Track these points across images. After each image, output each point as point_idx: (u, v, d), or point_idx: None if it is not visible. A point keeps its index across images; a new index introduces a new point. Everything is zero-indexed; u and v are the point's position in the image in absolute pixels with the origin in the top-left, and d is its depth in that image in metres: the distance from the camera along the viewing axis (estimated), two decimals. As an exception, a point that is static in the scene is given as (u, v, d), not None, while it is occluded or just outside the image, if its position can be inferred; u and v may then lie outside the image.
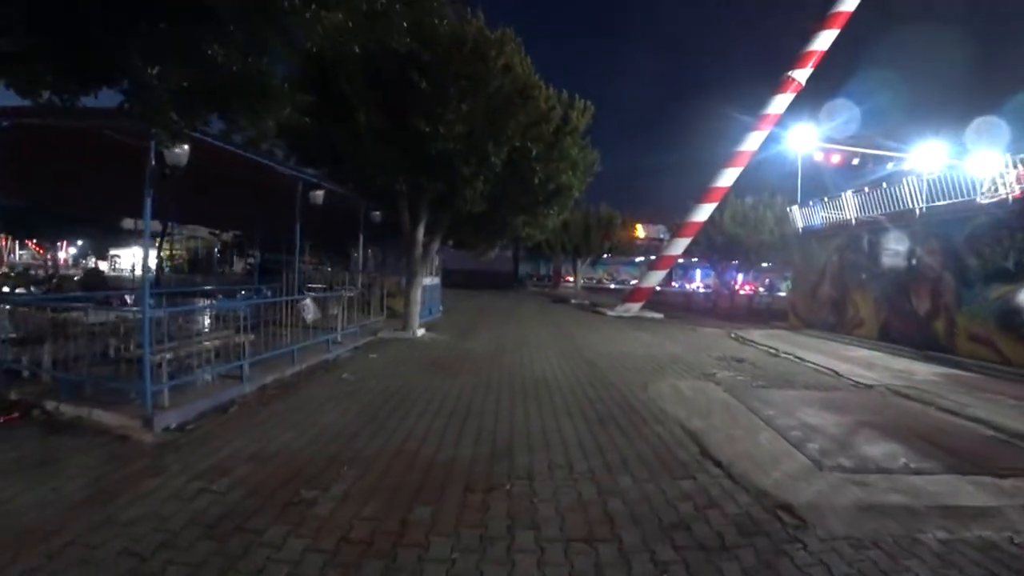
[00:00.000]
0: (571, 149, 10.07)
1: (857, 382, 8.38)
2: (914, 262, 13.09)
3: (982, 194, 11.12)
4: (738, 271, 26.68)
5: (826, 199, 16.29)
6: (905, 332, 13.06)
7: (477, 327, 13.72)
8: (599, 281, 53.10)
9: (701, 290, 37.26)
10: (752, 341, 13.05)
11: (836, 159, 19.07)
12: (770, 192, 23.46)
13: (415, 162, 8.69)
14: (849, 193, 15.19)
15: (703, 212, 19.47)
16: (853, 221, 15.15)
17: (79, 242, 37.21)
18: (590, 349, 10.68)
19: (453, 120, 8.02)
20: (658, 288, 20.74)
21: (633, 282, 58.05)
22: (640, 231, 28.79)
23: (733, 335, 14.38)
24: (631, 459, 4.48)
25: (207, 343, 6.11)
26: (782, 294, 43.73)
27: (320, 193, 8.13)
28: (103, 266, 38.00)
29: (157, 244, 21.34)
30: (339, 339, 9.39)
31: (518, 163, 9.50)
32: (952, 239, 11.92)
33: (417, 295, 11.16)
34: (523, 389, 6.88)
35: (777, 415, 6.01)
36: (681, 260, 50.85)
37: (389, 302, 13.43)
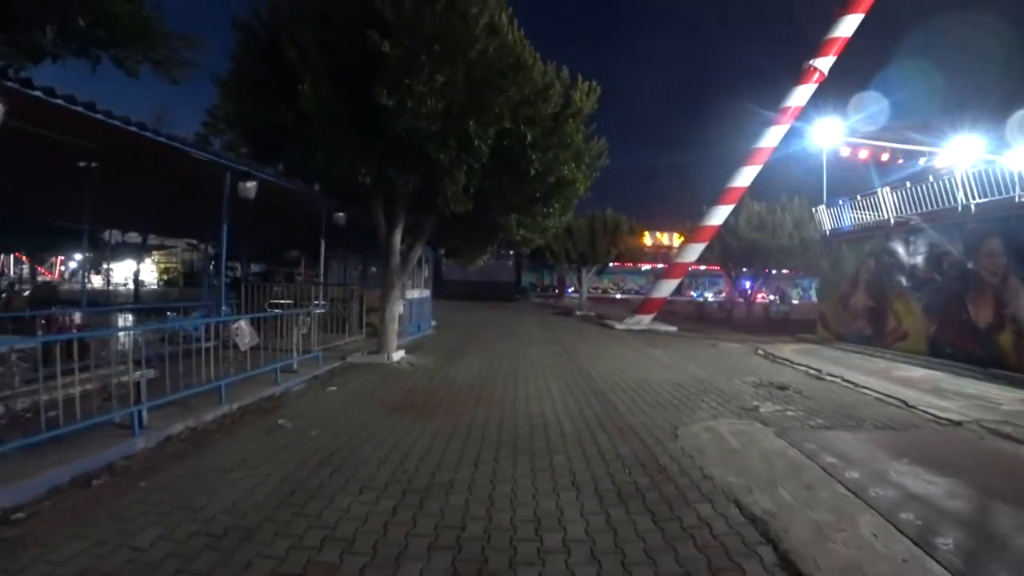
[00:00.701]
0: (574, 136, 8.43)
1: (937, 417, 6.64)
2: (970, 266, 11.37)
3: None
4: (754, 278, 24.92)
5: (858, 197, 14.59)
6: (961, 346, 11.32)
7: (469, 347, 12.04)
8: (604, 291, 51.21)
9: (711, 299, 35.45)
10: (786, 359, 11.30)
11: (864, 155, 17.41)
12: (787, 194, 21.77)
13: (379, 148, 7.08)
14: (886, 190, 13.49)
15: (719, 215, 17.80)
16: (892, 221, 13.45)
17: (77, 256, 35.88)
18: (599, 374, 8.99)
19: (425, 93, 6.41)
20: (668, 298, 19.01)
21: (639, 291, 56.37)
22: (647, 238, 27.07)
23: (760, 351, 12.64)
24: (676, 585, 2.80)
25: (72, 383, 4.45)
26: (795, 302, 41.95)
27: (251, 185, 6.50)
28: (96, 280, 36.56)
29: (146, 257, 20.01)
30: (295, 367, 7.75)
31: (510, 151, 7.89)
32: (1020, 238, 10.22)
33: (394, 311, 9.52)
34: (513, 440, 5.19)
35: (865, 479, 4.30)
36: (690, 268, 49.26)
37: (371, 318, 11.79)
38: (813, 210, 16.54)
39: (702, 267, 45.26)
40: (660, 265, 45.96)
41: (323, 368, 8.25)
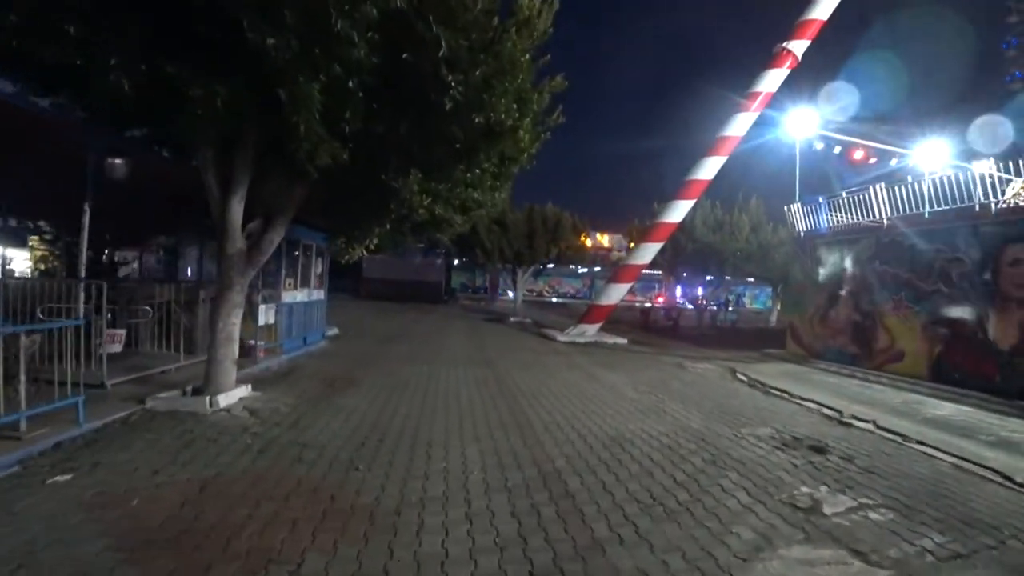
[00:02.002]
0: (516, 58, 5.38)
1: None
2: (987, 276, 9.36)
3: None
4: (705, 284, 22.99)
5: (843, 195, 12.50)
6: (975, 372, 9.33)
7: (364, 372, 8.71)
8: (540, 294, 48.74)
9: (648, 305, 33.47)
10: (778, 390, 8.81)
11: (837, 150, 15.57)
12: (747, 194, 19.89)
13: (162, 38, 3.73)
14: (881, 186, 11.42)
15: (678, 210, 15.39)
16: (885, 222, 11.40)
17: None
18: (547, 426, 5.98)
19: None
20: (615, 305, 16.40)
21: (575, 295, 54.28)
22: (587, 240, 24.64)
23: (741, 376, 10.14)
24: None
25: None
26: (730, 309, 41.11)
27: None
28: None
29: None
30: (22, 426, 4.24)
31: (413, 71, 4.73)
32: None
33: (230, 327, 6.04)
34: None
35: None
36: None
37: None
38: (785, 209, 14.44)
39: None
40: (597, 268, 43.97)
41: (88, 425, 4.70)
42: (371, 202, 6.59)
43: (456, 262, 36.64)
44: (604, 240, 39.88)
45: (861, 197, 11.85)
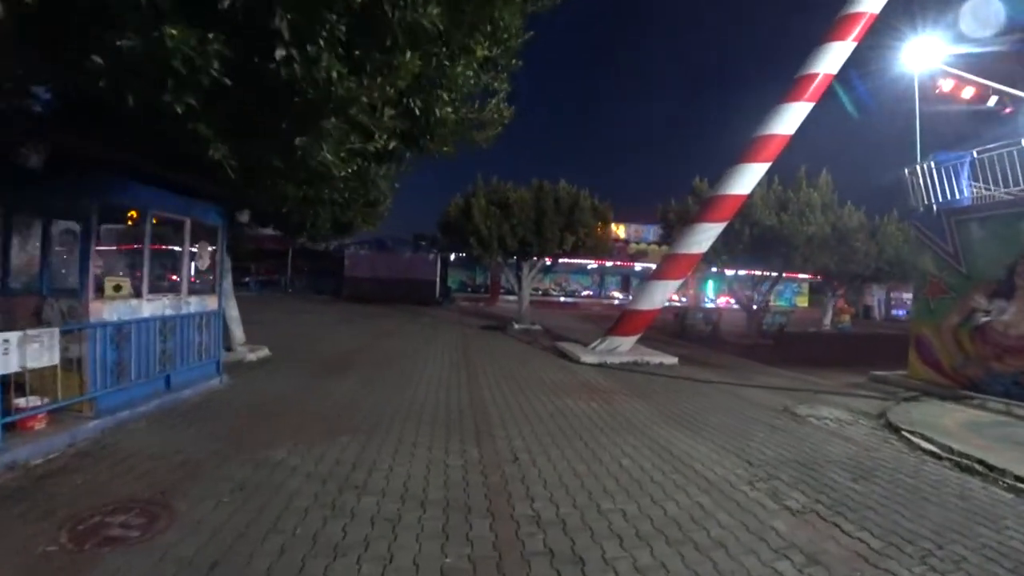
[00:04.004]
0: None
1: None
2: None
3: None
4: (762, 281, 18.62)
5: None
6: None
7: (212, 467, 4.44)
8: (545, 292, 43.90)
9: (683, 305, 28.90)
10: (992, 469, 4.50)
11: (969, 93, 11.15)
12: (808, 165, 15.45)
13: None
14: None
15: (747, 178, 11.01)
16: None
17: None
18: None
19: None
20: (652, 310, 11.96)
21: (589, 294, 49.59)
22: (609, 227, 20.03)
23: (920, 440, 5.81)
24: None
25: None
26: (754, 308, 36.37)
27: None
28: None
29: None
30: None
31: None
32: None
33: None
34: None
35: None
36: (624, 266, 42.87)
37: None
38: (905, 172, 10.08)
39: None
40: (609, 264, 39.38)
41: None
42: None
43: (453, 257, 32.34)
44: (620, 231, 35.39)
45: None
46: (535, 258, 17.31)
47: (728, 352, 14.08)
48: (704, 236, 11.25)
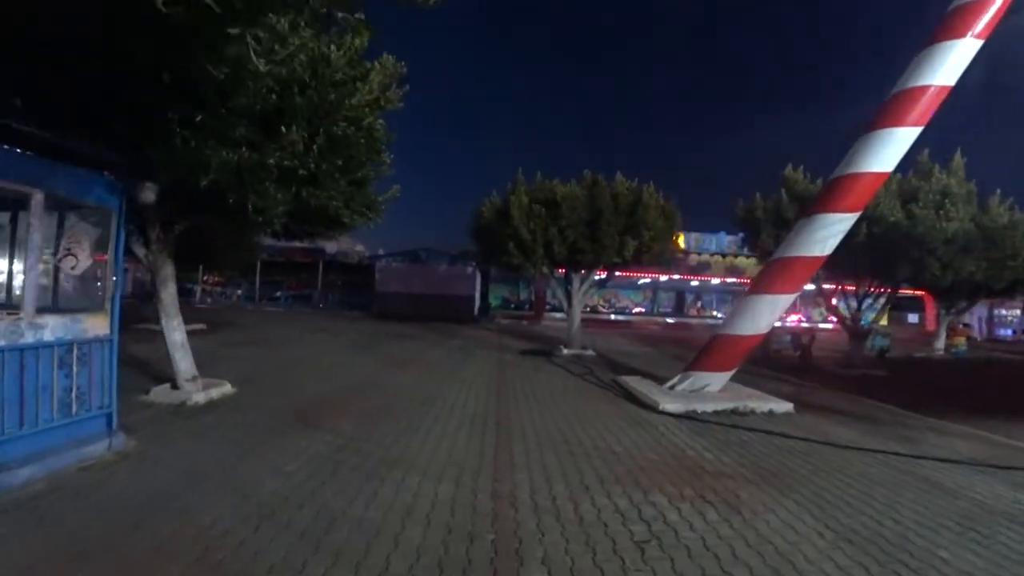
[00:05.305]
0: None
1: None
2: None
3: None
4: (866, 295, 15.10)
5: None
6: None
7: None
8: (594, 309, 40.50)
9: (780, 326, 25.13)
10: None
11: None
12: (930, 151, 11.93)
13: None
14: None
15: (890, 149, 7.79)
16: None
17: None
18: None
19: None
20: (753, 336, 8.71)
21: (631, 309, 45.81)
22: (679, 235, 16.90)
23: None
24: None
25: None
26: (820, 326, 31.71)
27: None
28: None
29: None
30: None
31: None
32: None
33: None
34: None
35: None
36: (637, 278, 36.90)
37: None
38: None
39: (625, 275, 34.91)
40: (668, 276, 35.68)
41: None
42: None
43: (494, 271, 29.68)
44: (680, 240, 31.87)
45: None
46: (588, 269, 14.33)
47: (836, 386, 10.68)
48: (829, 232, 8.04)
